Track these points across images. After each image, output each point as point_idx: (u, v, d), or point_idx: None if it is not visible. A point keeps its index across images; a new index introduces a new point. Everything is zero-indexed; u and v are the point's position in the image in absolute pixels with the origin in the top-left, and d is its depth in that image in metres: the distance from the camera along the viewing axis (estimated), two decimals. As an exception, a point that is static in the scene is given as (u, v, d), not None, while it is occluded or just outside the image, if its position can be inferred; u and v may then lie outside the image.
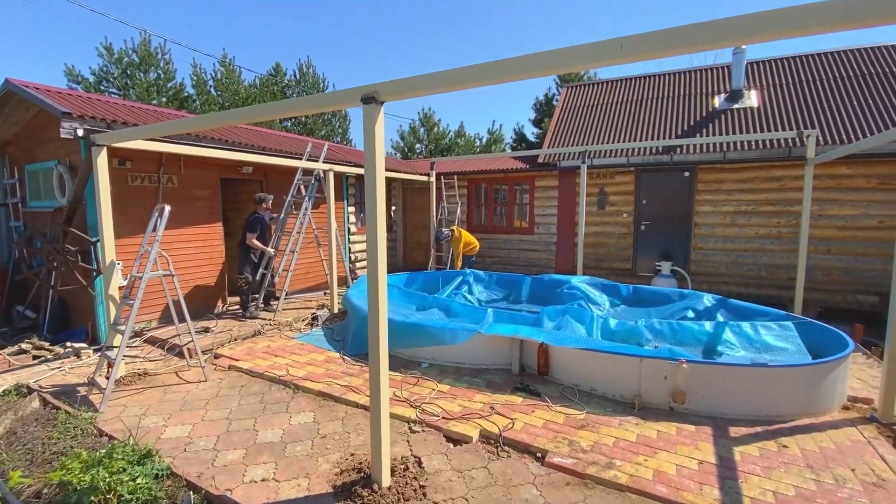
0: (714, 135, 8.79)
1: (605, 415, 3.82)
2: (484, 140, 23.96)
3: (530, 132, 22.66)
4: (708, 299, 6.68)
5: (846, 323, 7.80)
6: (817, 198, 7.98)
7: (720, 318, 6.32)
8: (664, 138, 9.22)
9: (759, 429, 3.60)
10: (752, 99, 9.18)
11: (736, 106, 9.19)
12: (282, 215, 7.53)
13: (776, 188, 8.30)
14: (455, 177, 11.37)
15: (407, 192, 12.27)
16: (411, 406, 3.95)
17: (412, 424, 3.70)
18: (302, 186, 7.75)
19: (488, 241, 11.30)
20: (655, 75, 11.07)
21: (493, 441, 3.44)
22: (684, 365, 3.73)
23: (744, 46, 9.14)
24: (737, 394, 3.79)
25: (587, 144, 9.81)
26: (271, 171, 7.98)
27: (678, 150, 8.77)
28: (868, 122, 7.71)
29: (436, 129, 23.61)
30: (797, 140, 7.81)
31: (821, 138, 7.70)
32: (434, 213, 10.33)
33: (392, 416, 3.63)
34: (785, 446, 3.36)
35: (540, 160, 10.15)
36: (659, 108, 10.11)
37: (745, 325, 5.49)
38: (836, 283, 8.00)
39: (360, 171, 8.43)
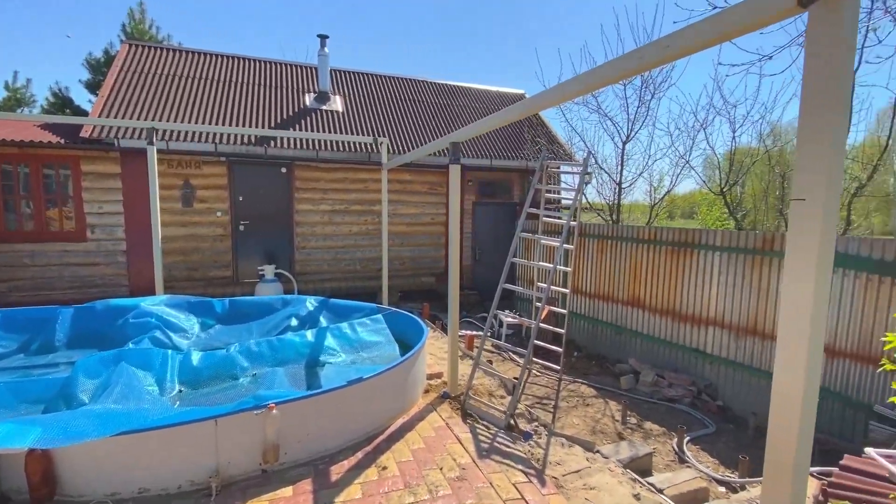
0: (306, 131, 8.66)
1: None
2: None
3: (85, 99, 16.35)
4: (311, 302, 6.27)
5: (417, 301, 9.50)
6: (391, 199, 9.23)
7: (323, 321, 6.01)
8: (258, 128, 8.33)
9: (360, 455, 3.17)
10: (337, 103, 9.68)
11: (324, 107, 9.44)
12: None
13: (362, 189, 9.05)
14: None
15: None
16: None
17: None
18: None
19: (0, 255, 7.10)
20: (247, 59, 10.02)
21: None
22: (274, 411, 2.82)
23: (326, 50, 9.48)
24: (336, 421, 3.24)
25: (160, 120, 7.62)
26: None
27: (272, 142, 8.09)
28: (421, 139, 9.51)
29: None
30: (374, 146, 8.69)
31: (391, 147, 8.89)
32: None
33: None
34: (384, 468, 3.02)
35: (86, 133, 7.08)
36: (251, 94, 9.14)
37: (345, 326, 5.30)
38: (408, 269, 9.57)
39: None
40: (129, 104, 7.93)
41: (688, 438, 4.45)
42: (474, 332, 7.29)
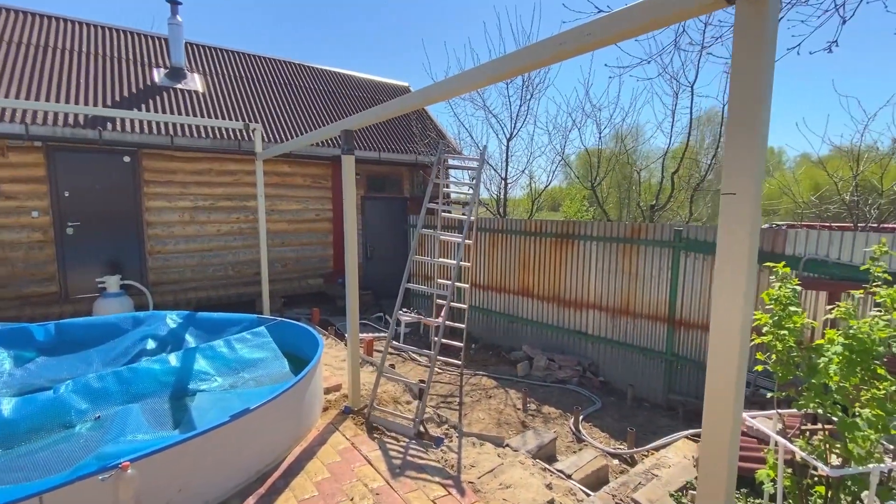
0: (157, 113, 7.26)
1: None
2: None
3: None
4: (172, 318, 5.26)
5: (304, 305, 8.73)
6: (269, 193, 8.28)
7: (191, 340, 5.10)
8: (91, 106, 6.70)
9: (252, 501, 2.66)
10: (196, 82, 8.32)
11: (179, 86, 8.04)
12: None
13: (232, 182, 7.95)
14: None
15: None
16: None
17: None
18: None
19: None
20: (72, 21, 8.00)
21: None
22: (129, 470, 2.18)
23: (179, 18, 8.06)
24: (218, 466, 2.68)
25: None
26: None
27: (110, 125, 6.60)
28: (301, 128, 8.68)
29: None
30: (245, 133, 7.68)
31: (265, 136, 7.94)
32: None
33: None
34: (285, 512, 2.58)
35: None
36: (78, 65, 7.33)
37: (219, 345, 4.55)
38: (292, 271, 8.74)
39: None
40: None
41: (581, 417, 4.75)
42: (373, 335, 6.93)
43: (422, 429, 3.64)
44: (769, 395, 2.47)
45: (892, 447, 2.16)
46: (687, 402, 4.96)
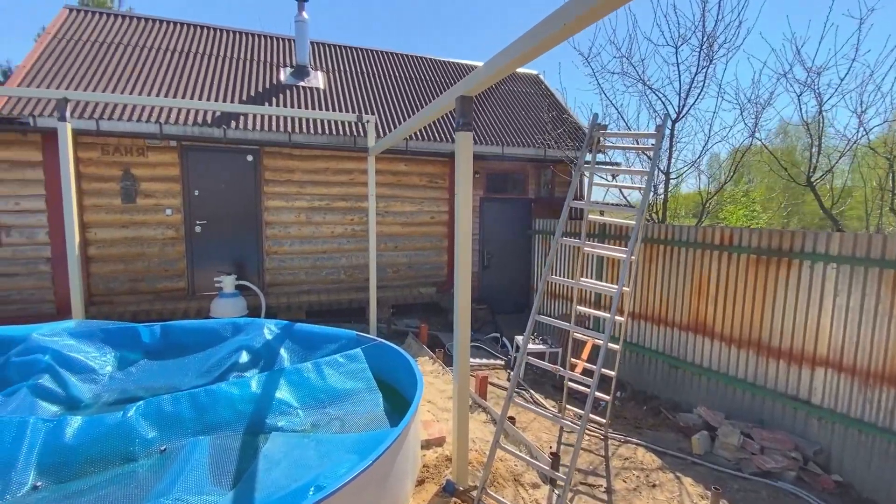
0: (278, 107, 7.11)
1: None
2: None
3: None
4: (270, 329, 4.73)
5: (414, 316, 7.96)
6: (384, 194, 7.69)
7: (284, 355, 4.49)
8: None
9: None
10: (318, 80, 8.13)
11: (302, 84, 7.90)
12: None
13: (347, 181, 7.51)
14: None
15: None
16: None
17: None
18: None
19: None
20: (210, 28, 8.46)
21: None
22: None
23: (305, 14, 7.94)
24: None
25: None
26: None
27: (233, 122, 6.55)
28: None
29: None
30: (360, 127, 7.16)
31: (381, 131, 7.35)
32: None
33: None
34: None
35: (-10, 111, 5.55)
36: (213, 68, 7.59)
37: (308, 369, 3.79)
38: (403, 278, 8.03)
39: None
40: (57, 76, 6.39)
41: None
42: (488, 366, 5.77)
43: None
44: None
45: None
46: None
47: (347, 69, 8.82)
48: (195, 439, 2.98)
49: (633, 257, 3.24)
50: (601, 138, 3.54)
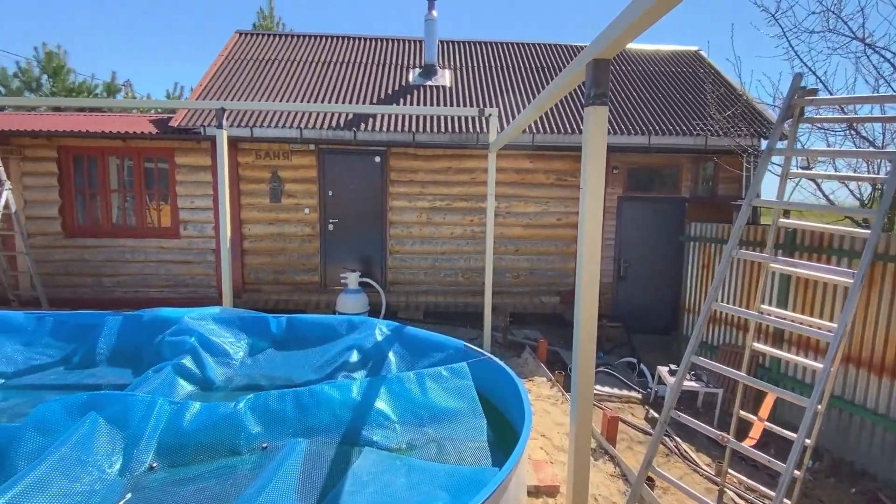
0: (404, 106, 7.15)
1: None
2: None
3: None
4: (381, 330, 4.61)
5: (533, 326, 7.29)
6: (506, 193, 7.21)
7: (392, 359, 4.33)
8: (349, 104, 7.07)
9: None
10: (445, 77, 8.01)
11: (429, 83, 7.85)
12: None
13: (469, 181, 7.21)
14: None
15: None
16: None
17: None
18: None
19: (105, 250, 7.06)
20: (349, 37, 9.01)
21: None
22: None
23: (435, 13, 7.88)
24: None
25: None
26: None
27: (363, 125, 6.73)
28: (546, 118, 7.27)
29: (69, 76, 13.58)
30: (482, 123, 6.79)
31: (504, 124, 6.87)
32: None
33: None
34: None
35: (176, 122, 6.59)
36: (347, 74, 8.00)
37: (409, 379, 3.49)
38: (523, 284, 7.43)
39: None
40: (225, 91, 7.37)
41: None
42: (618, 392, 4.89)
43: None
44: None
45: None
46: None
47: (472, 64, 8.56)
48: (294, 441, 2.88)
49: (845, 280, 2.19)
50: (803, 110, 2.49)
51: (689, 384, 4.58)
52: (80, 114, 9.49)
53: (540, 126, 6.85)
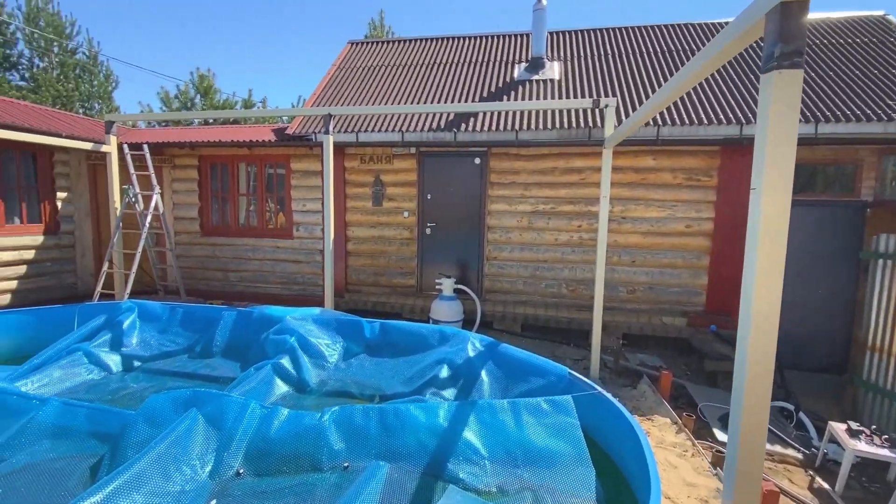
0: (508, 102, 6.71)
1: None
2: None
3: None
4: (474, 345, 4.24)
5: (651, 351, 6.31)
6: (622, 195, 6.37)
7: (485, 379, 3.93)
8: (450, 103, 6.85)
9: None
10: (553, 70, 7.38)
11: (536, 77, 7.30)
12: None
13: (577, 182, 6.51)
14: (145, 147, 7.55)
15: (98, 169, 7.97)
16: None
17: None
18: None
19: (232, 248, 7.80)
20: (454, 37, 8.85)
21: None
22: None
23: (544, 2, 7.31)
24: None
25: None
26: None
27: (463, 125, 6.45)
28: (679, 110, 6.27)
29: (216, 95, 16.44)
30: (595, 115, 6.06)
31: (623, 117, 6.05)
32: (115, 201, 6.31)
33: None
34: None
35: (291, 130, 7.00)
36: (450, 74, 7.81)
37: (503, 408, 3.07)
38: (641, 301, 6.48)
39: None
40: (336, 99, 7.66)
41: None
42: (769, 448, 3.91)
43: None
44: None
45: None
46: None
47: (583, 54, 7.79)
48: (376, 464, 2.65)
49: None
50: None
51: (875, 450, 3.43)
52: (218, 127, 10.76)
53: (667, 117, 5.91)
